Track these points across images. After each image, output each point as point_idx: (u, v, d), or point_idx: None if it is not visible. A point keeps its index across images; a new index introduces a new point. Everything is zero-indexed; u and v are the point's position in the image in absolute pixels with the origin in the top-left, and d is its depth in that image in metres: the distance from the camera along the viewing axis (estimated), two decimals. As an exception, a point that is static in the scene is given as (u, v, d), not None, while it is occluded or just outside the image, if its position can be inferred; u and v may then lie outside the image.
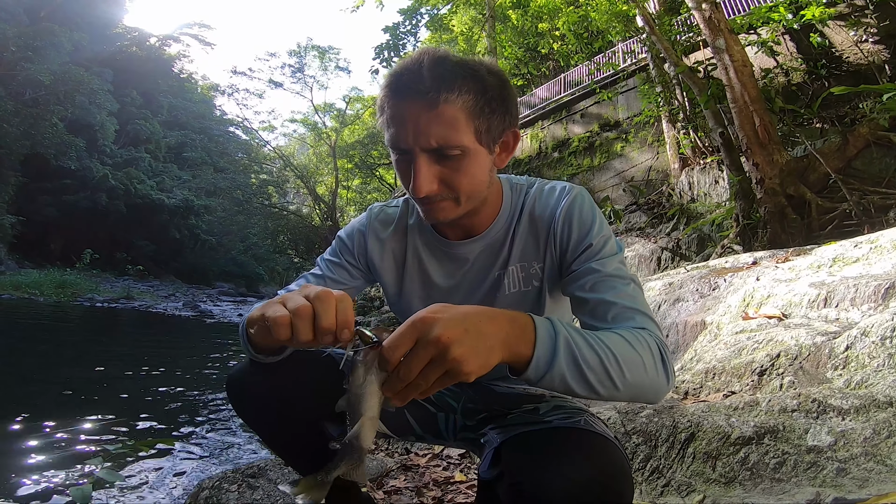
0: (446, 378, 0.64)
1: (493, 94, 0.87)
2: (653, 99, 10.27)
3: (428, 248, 1.06)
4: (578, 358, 0.69)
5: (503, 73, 0.92)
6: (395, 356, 0.62)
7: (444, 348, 0.62)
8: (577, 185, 1.02)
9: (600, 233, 0.94)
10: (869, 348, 1.69)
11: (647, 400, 0.78)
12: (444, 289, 1.05)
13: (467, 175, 0.88)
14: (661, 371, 0.76)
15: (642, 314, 0.84)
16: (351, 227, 1.12)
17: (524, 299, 1.02)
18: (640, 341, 0.76)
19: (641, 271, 7.50)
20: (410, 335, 0.63)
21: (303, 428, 0.99)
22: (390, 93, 0.87)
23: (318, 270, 1.09)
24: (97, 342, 8.79)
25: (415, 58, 0.86)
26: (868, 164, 5.82)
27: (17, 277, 18.46)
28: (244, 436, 3.99)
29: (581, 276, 0.90)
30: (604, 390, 0.71)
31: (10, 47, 22.59)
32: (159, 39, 40.25)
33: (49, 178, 27.45)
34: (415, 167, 0.86)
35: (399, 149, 0.88)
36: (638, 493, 1.52)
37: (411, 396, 0.65)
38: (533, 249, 1.00)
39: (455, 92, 0.83)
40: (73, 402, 4.39)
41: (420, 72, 0.83)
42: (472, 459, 2.00)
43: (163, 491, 2.82)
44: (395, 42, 19.44)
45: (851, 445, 1.35)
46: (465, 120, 0.85)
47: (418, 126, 0.84)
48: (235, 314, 17.09)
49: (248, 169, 35.86)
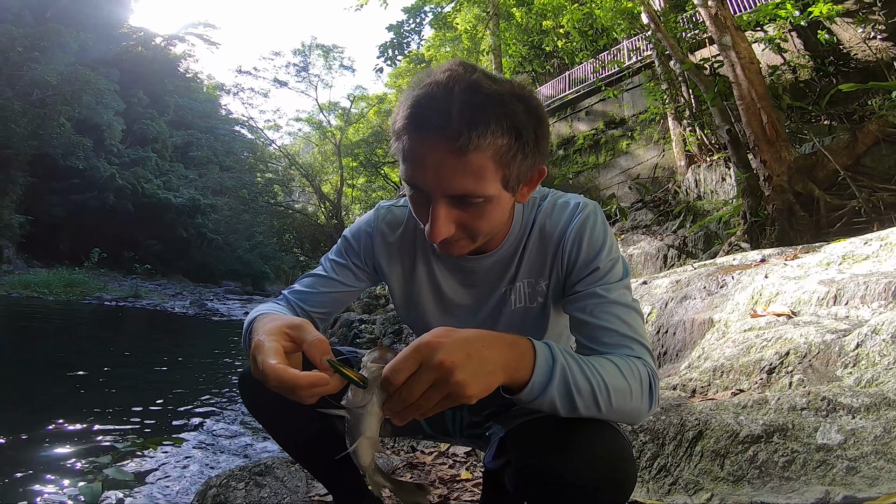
0: (447, 401, 0.65)
1: (527, 138, 0.78)
2: (658, 96, 10.21)
3: (438, 257, 1.03)
4: (571, 385, 0.71)
5: (540, 107, 0.81)
6: (398, 379, 0.63)
7: (447, 373, 0.63)
8: (590, 201, 0.99)
9: (609, 255, 0.92)
10: (879, 346, 1.67)
11: (628, 422, 0.83)
12: (453, 301, 1.04)
13: (488, 220, 0.83)
14: (645, 399, 0.79)
15: (639, 343, 0.85)
16: (357, 228, 1.08)
17: (528, 315, 1.01)
18: (633, 371, 0.79)
19: (647, 269, 7.48)
20: (414, 359, 0.63)
21: (314, 425, 0.99)
22: (411, 125, 0.76)
23: (322, 271, 1.07)
24: (106, 341, 8.86)
25: (442, 86, 0.74)
26: (877, 161, 5.77)
27: (26, 277, 18.65)
28: (251, 433, 4.02)
29: (584, 298, 0.90)
30: (586, 413, 0.74)
31: (17, 48, 22.82)
32: (165, 39, 40.47)
33: (57, 177, 27.68)
34: (432, 212, 0.79)
35: (416, 187, 0.80)
36: (645, 491, 1.51)
37: (411, 417, 0.65)
38: (540, 266, 0.98)
39: (487, 137, 0.73)
40: (82, 401, 4.43)
41: (448, 109, 0.72)
42: (478, 457, 2.01)
43: (171, 489, 2.84)
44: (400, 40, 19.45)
45: (861, 444, 1.34)
46: (494, 168, 0.77)
47: (441, 172, 0.75)
48: (241, 313, 17.18)
49: (253, 168, 35.95)
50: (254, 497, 1.45)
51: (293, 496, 1.50)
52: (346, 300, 1.09)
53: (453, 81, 0.74)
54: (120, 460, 3.01)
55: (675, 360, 2.69)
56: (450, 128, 0.72)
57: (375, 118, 31.09)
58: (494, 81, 0.76)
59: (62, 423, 3.74)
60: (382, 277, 1.09)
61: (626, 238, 8.91)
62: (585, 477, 0.73)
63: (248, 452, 3.61)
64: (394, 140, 0.81)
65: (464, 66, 0.77)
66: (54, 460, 3.08)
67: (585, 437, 0.75)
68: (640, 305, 0.92)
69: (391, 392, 0.64)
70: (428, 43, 24.00)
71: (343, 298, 1.07)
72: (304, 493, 1.54)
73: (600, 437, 0.76)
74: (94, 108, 28.28)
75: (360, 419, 0.66)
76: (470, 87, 0.73)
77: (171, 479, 2.98)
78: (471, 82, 0.74)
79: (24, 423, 3.67)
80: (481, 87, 0.74)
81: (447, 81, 0.74)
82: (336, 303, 1.06)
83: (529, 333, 1.03)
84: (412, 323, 1.12)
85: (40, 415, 3.91)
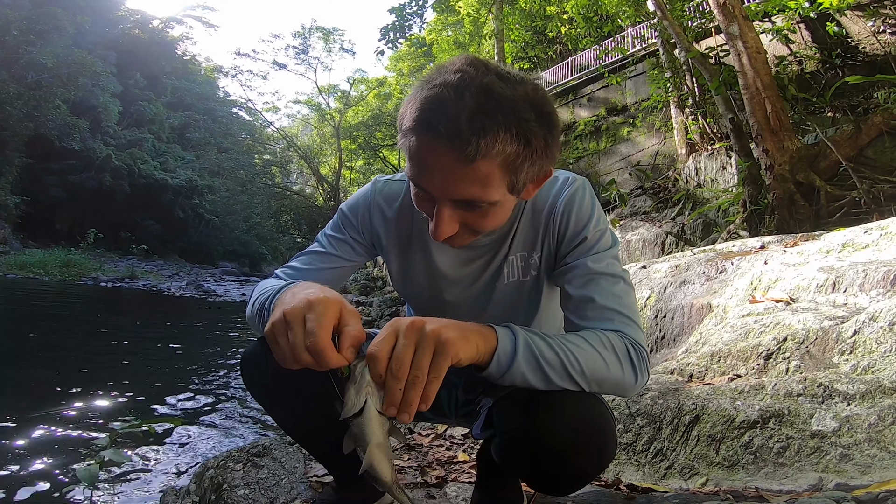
0: (439, 359, 0.65)
1: (536, 146, 0.75)
2: (662, 84, 10.15)
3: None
4: (538, 356, 0.74)
5: (553, 113, 0.78)
6: (382, 350, 0.64)
7: (421, 326, 0.66)
8: (579, 177, 1.00)
9: (597, 226, 0.93)
10: (877, 333, 1.67)
11: (616, 394, 0.85)
12: (448, 277, 1.04)
13: (492, 220, 0.83)
14: (627, 369, 0.80)
15: (621, 315, 0.86)
16: (354, 202, 1.07)
17: (522, 288, 1.02)
18: (604, 342, 0.80)
19: (646, 255, 7.49)
20: (390, 331, 0.66)
21: (316, 408, 0.99)
22: (418, 128, 0.74)
23: (320, 247, 1.05)
24: (102, 322, 8.86)
25: (452, 88, 0.71)
26: (880, 154, 5.77)
27: (22, 257, 18.57)
28: (249, 415, 4.04)
29: (571, 269, 0.91)
30: (563, 384, 0.76)
31: (13, 31, 22.60)
32: (162, 22, 39.99)
33: (54, 158, 27.50)
34: (437, 213, 0.79)
35: (421, 188, 0.80)
36: (641, 475, 1.52)
37: (415, 402, 0.65)
38: (532, 239, 0.99)
39: (495, 145, 0.71)
40: (78, 382, 4.44)
41: (458, 115, 0.69)
42: (475, 440, 2.01)
43: (168, 470, 2.86)
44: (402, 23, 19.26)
45: (856, 431, 1.35)
46: (501, 175, 0.75)
47: (447, 177, 0.74)
48: (238, 294, 17.20)
49: (251, 149, 35.82)
50: (252, 478, 1.45)
51: (291, 477, 1.50)
52: (344, 276, 1.09)
53: (464, 85, 0.71)
54: (117, 442, 3.02)
55: (672, 345, 2.70)
56: (458, 135, 0.70)
57: (375, 101, 30.83)
58: (508, 85, 0.73)
59: (59, 406, 3.74)
60: (379, 251, 1.08)
61: (625, 224, 8.92)
62: (565, 440, 0.75)
63: (245, 433, 3.63)
64: (401, 136, 0.79)
65: (476, 65, 0.74)
66: (51, 442, 3.08)
67: (567, 403, 0.76)
68: (628, 275, 0.93)
69: (381, 371, 0.64)
70: (430, 26, 23.75)
71: (341, 275, 1.06)
72: (303, 474, 1.54)
73: (580, 404, 0.77)
74: (91, 91, 28.04)
75: (362, 427, 0.64)
76: (481, 92, 0.70)
77: (168, 461, 3.00)
78: (482, 86, 0.71)
79: (20, 406, 3.67)
80: (493, 91, 0.71)
81: (458, 84, 0.71)
82: (335, 279, 1.04)
83: (523, 307, 1.04)
84: (408, 296, 1.12)
85: (37, 397, 3.92)
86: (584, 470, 0.79)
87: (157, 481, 2.69)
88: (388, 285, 14.57)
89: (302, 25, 39.99)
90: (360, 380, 0.64)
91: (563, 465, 0.77)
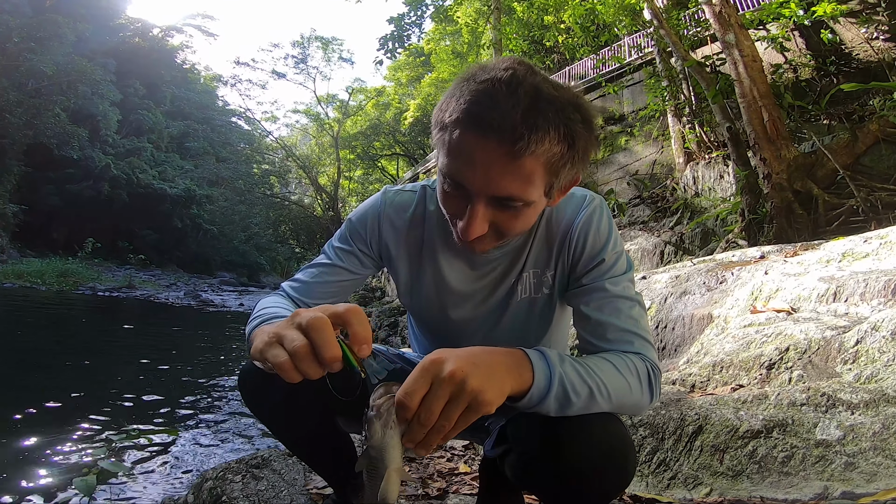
0: (469, 413, 0.64)
1: (579, 148, 0.76)
2: (659, 93, 10.20)
3: (447, 246, 1.00)
4: (569, 390, 0.72)
5: (594, 118, 0.80)
6: (413, 401, 0.61)
7: (461, 382, 0.62)
8: (596, 195, 0.99)
9: (614, 249, 0.93)
10: (879, 343, 1.67)
11: (631, 414, 0.86)
12: (458, 293, 1.02)
13: (522, 223, 0.82)
14: (646, 393, 0.82)
15: (640, 338, 0.87)
16: (363, 212, 1.04)
17: (534, 305, 1.01)
18: (630, 367, 0.81)
19: (644, 265, 7.48)
20: (425, 378, 0.62)
21: (316, 423, 0.98)
22: (467, 121, 0.73)
23: (327, 259, 1.02)
24: (99, 332, 8.81)
25: (505, 84, 0.72)
26: (877, 161, 5.78)
27: (19, 266, 18.48)
28: (247, 426, 4.00)
29: (588, 292, 0.91)
30: (584, 409, 0.75)
31: (14, 38, 22.63)
32: (162, 30, 40.19)
33: (52, 167, 27.47)
34: (471, 210, 0.78)
35: (457, 184, 0.78)
36: (644, 485, 1.51)
37: (435, 443, 0.64)
38: (546, 256, 0.98)
39: (544, 143, 0.71)
40: (76, 392, 4.40)
41: (511, 111, 0.70)
42: (476, 451, 2.00)
43: (166, 481, 2.83)
44: (400, 33, 19.37)
45: (860, 440, 1.34)
46: (542, 175, 0.76)
47: (490, 173, 0.73)
48: (237, 304, 17.14)
49: (250, 159, 35.90)
50: (251, 490, 1.44)
51: (291, 489, 1.49)
52: (350, 290, 1.07)
53: (517, 82, 0.72)
54: (115, 453, 2.99)
55: (674, 355, 2.69)
56: (511, 130, 0.70)
57: (374, 111, 31.00)
58: (555, 87, 0.75)
59: (56, 416, 3.71)
60: (387, 263, 1.06)
61: (624, 234, 8.91)
62: (589, 460, 0.74)
63: (244, 445, 3.60)
64: (438, 131, 0.78)
65: (525, 66, 0.75)
66: (49, 453, 3.05)
67: (586, 422, 0.75)
68: (643, 298, 0.94)
69: (409, 418, 0.62)
70: (428, 36, 23.91)
71: (348, 287, 1.04)
72: (302, 486, 1.53)
73: (601, 424, 0.76)
74: (90, 99, 28.08)
75: (383, 453, 0.63)
76: (533, 90, 0.72)
77: (166, 472, 2.97)
78: (535, 85, 0.72)
79: (17, 416, 3.64)
80: (544, 91, 0.72)
81: (510, 80, 0.72)
82: (341, 292, 1.02)
83: (535, 324, 1.03)
84: (415, 309, 1.10)
85: (34, 407, 3.88)
86: (606, 491, 0.78)
87: (154, 492, 2.66)
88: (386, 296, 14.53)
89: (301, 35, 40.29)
90: (386, 416, 0.63)
91: (585, 485, 0.76)
